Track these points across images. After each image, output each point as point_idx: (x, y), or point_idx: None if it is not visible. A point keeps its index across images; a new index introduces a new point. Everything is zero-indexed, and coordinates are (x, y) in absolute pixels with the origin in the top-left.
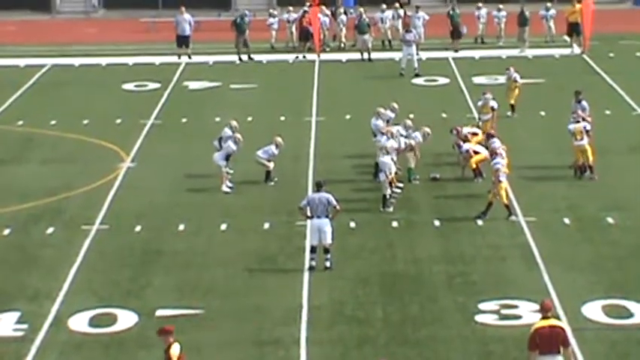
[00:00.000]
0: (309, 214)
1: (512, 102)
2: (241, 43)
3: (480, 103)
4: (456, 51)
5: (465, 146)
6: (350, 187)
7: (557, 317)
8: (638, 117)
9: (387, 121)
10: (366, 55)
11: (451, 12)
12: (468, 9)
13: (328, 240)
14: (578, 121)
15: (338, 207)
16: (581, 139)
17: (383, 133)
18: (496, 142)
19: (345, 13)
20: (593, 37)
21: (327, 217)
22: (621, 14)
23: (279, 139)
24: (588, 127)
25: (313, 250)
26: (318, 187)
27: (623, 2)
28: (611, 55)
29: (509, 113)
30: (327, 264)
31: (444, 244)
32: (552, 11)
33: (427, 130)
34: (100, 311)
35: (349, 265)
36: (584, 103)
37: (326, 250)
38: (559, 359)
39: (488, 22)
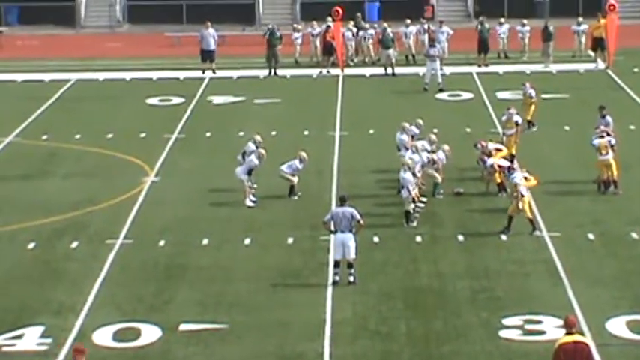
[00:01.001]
0: (332, 228)
1: (529, 118)
2: (272, 57)
3: (504, 118)
4: (486, 65)
5: (490, 161)
6: (373, 202)
7: (582, 333)
8: None
9: (412, 137)
10: (390, 70)
11: (479, 26)
12: (494, 24)
13: (352, 255)
14: (602, 136)
15: (362, 222)
16: (606, 153)
17: (407, 148)
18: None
19: (367, 28)
20: (618, 52)
21: (350, 231)
22: None
23: (303, 154)
24: (613, 142)
25: (337, 264)
26: (342, 201)
27: None
28: (636, 70)
29: (526, 130)
30: (351, 279)
31: (468, 259)
32: (584, 26)
33: (446, 147)
34: (123, 325)
35: (373, 280)
36: (608, 118)
37: (350, 265)
38: None
39: (512, 37)
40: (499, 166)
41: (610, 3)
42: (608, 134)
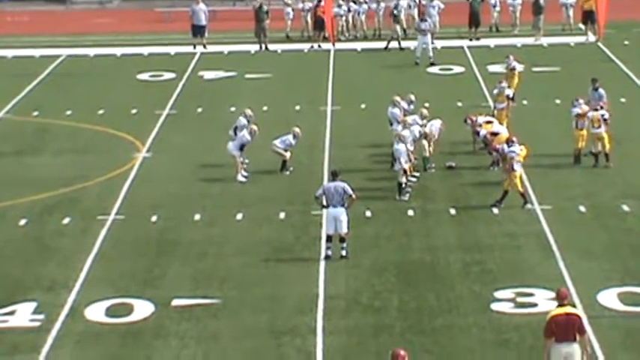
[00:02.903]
0: (324, 203)
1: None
2: (260, 31)
3: (495, 92)
4: (478, 39)
5: (482, 132)
6: (365, 176)
7: (573, 305)
8: None
9: (405, 112)
10: (396, 44)
11: (471, 0)
12: None
13: (344, 229)
14: (596, 109)
15: (354, 196)
16: (599, 126)
17: (399, 122)
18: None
19: (362, 2)
20: (608, 24)
21: (342, 206)
22: (636, 2)
23: (297, 130)
24: (606, 116)
25: (329, 239)
26: (333, 176)
27: None
28: (626, 42)
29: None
30: (343, 253)
31: (460, 233)
32: None
33: (439, 122)
34: (116, 301)
35: (365, 254)
36: (601, 90)
37: (342, 240)
38: (575, 347)
39: (503, 10)
40: (492, 133)
41: None
42: (601, 107)
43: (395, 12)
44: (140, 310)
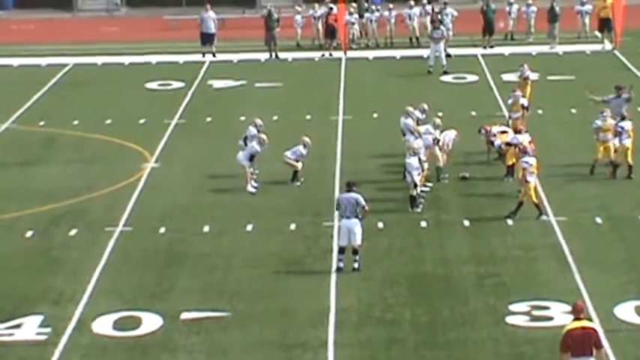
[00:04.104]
0: (339, 214)
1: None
2: (270, 39)
3: (509, 101)
4: (491, 47)
5: (497, 141)
6: (377, 187)
7: (590, 319)
8: None
9: (417, 121)
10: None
11: (485, 7)
12: (498, 5)
13: (357, 241)
14: (623, 118)
15: (367, 207)
16: (615, 136)
17: (412, 132)
18: (524, 137)
19: (374, 10)
20: (625, 32)
21: (356, 217)
22: None
23: (307, 139)
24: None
25: (342, 251)
26: (348, 186)
27: None
28: None
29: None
30: (356, 265)
31: (474, 245)
32: (588, 6)
33: (454, 132)
34: (124, 314)
35: (377, 267)
36: (625, 95)
37: (355, 252)
38: None
39: (519, 18)
40: (507, 144)
41: None
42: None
43: (439, 17)
44: (148, 323)
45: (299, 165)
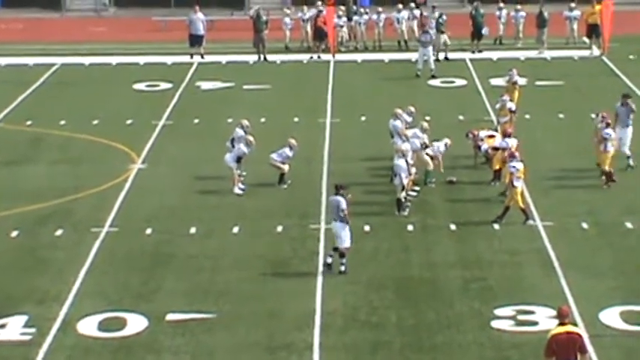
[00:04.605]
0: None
1: None
2: (259, 42)
3: (497, 106)
4: (480, 51)
5: (484, 146)
6: (365, 190)
7: (575, 324)
8: None
9: (405, 124)
10: (442, 55)
11: (474, 12)
12: (487, 9)
13: (342, 244)
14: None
15: (345, 212)
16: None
17: (400, 135)
18: (512, 141)
19: (362, 13)
20: (613, 38)
21: (342, 220)
22: None
23: (292, 141)
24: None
25: (334, 249)
26: (335, 189)
27: None
28: (631, 57)
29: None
30: (342, 268)
31: (460, 249)
32: (576, 12)
33: (448, 141)
34: (109, 315)
35: (363, 270)
36: (632, 105)
37: (341, 255)
38: None
39: (507, 22)
40: (495, 148)
41: None
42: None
43: (440, 20)
44: (133, 324)
45: (285, 167)
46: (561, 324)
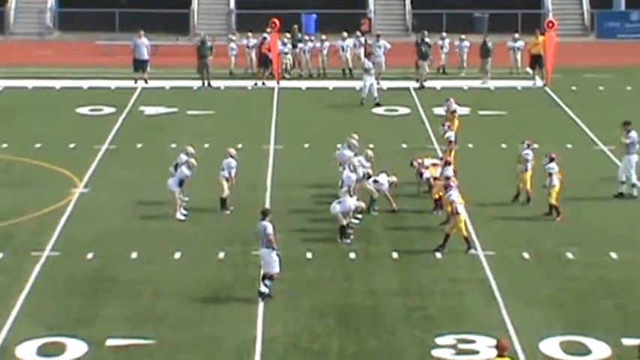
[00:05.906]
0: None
1: None
2: (203, 67)
3: (442, 134)
4: (422, 87)
5: (426, 174)
6: (307, 217)
7: (513, 357)
8: (600, 151)
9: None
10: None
11: (419, 41)
12: (430, 39)
13: (269, 269)
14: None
15: (270, 237)
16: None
17: (348, 164)
18: (449, 170)
19: (307, 40)
20: (556, 69)
21: (267, 247)
22: (584, 47)
23: (231, 150)
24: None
25: (263, 277)
26: (262, 214)
27: (586, 35)
28: (574, 88)
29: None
30: (265, 290)
31: (402, 277)
32: (520, 42)
33: (395, 179)
34: (48, 340)
35: (305, 297)
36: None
37: (267, 277)
38: None
39: (451, 52)
40: (435, 178)
41: (549, 20)
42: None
43: (423, 48)
44: (73, 349)
45: (227, 190)
46: (500, 356)
